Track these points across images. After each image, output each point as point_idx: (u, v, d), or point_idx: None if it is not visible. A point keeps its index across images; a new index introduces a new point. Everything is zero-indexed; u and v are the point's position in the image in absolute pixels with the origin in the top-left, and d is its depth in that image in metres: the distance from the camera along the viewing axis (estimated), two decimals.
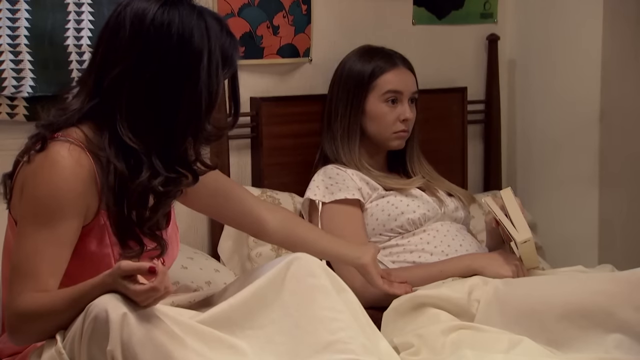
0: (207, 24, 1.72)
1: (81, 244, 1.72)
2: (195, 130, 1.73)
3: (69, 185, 1.67)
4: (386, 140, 2.55)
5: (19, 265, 1.67)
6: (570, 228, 2.98)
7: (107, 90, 1.71)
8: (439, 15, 3.01)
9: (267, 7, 2.67)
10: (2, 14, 2.24)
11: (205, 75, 1.70)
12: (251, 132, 2.68)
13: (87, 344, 1.57)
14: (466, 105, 3.02)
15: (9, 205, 1.78)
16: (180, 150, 1.74)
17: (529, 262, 2.29)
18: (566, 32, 2.96)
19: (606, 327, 2.01)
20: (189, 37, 1.69)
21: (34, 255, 1.66)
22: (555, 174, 3.02)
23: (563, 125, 2.99)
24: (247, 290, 1.71)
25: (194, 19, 1.71)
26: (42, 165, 1.68)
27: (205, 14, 1.74)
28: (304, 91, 2.76)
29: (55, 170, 1.67)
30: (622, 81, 2.91)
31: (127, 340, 1.53)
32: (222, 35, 1.74)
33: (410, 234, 2.43)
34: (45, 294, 1.65)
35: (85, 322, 1.57)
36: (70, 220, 1.68)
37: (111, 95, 1.71)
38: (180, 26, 1.69)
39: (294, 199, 2.62)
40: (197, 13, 1.72)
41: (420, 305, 2.17)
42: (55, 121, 1.74)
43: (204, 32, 1.71)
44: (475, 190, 3.04)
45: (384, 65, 2.55)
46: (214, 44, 1.71)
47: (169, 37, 1.69)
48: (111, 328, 1.53)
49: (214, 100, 1.73)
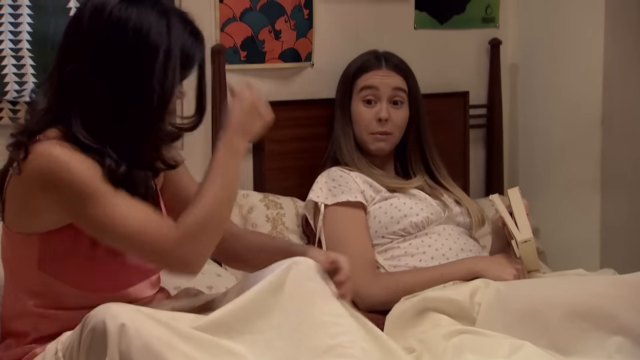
0: (169, 22, 1.71)
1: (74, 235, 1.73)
2: (149, 127, 1.71)
3: (81, 160, 1.66)
4: (366, 143, 2.56)
5: (129, 233, 1.66)
6: (572, 232, 2.98)
7: (65, 86, 1.71)
8: (440, 20, 3.02)
9: (269, 12, 2.68)
10: (4, 18, 2.25)
11: (160, 72, 1.68)
12: None
13: (86, 355, 1.57)
14: (468, 110, 3.02)
15: (2, 217, 1.77)
16: (136, 148, 1.72)
17: (529, 263, 2.29)
18: (568, 37, 2.96)
19: (608, 330, 2.01)
20: (146, 33, 1.69)
21: (127, 215, 1.66)
22: (557, 179, 3.02)
23: (565, 129, 2.99)
24: (246, 296, 1.71)
25: (154, 15, 1.70)
26: (45, 164, 1.65)
27: (171, 13, 1.73)
28: (305, 95, 2.76)
29: (61, 157, 1.65)
30: (624, 85, 2.91)
31: (126, 351, 1.53)
32: (185, 34, 1.73)
33: (413, 237, 2.43)
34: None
35: (83, 333, 1.57)
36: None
37: (68, 90, 1.71)
38: (138, 22, 1.69)
39: (295, 203, 2.62)
40: (159, 11, 1.71)
41: (423, 309, 2.17)
42: (28, 125, 1.73)
43: (164, 30, 1.70)
44: (477, 194, 3.04)
45: (367, 65, 2.57)
46: (174, 42, 1.70)
47: (124, 32, 1.68)
48: (109, 339, 1.53)
49: (168, 98, 1.71)
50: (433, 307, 2.17)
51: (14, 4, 2.26)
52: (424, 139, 2.62)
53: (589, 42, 2.89)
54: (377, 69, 2.58)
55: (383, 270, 2.40)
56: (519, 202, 2.26)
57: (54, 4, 2.31)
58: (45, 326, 1.76)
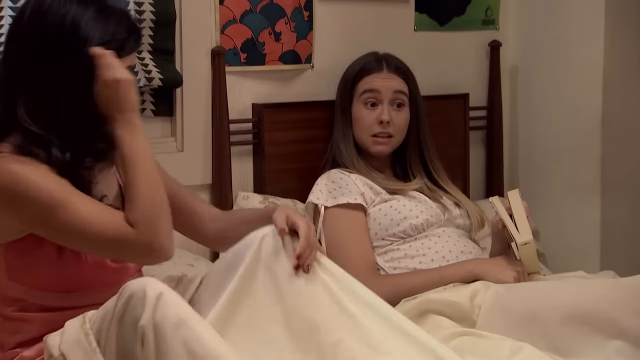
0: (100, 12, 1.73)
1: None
2: (83, 100, 1.72)
3: (36, 170, 1.67)
4: (367, 145, 2.56)
5: (92, 234, 1.66)
6: (572, 235, 2.98)
7: (8, 79, 1.73)
8: (440, 22, 3.02)
9: (269, 14, 2.68)
10: (4, 20, 2.25)
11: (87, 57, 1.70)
12: (253, 139, 2.68)
13: (118, 322, 1.58)
14: (468, 112, 3.02)
15: None
16: (75, 127, 1.72)
17: (529, 266, 2.29)
18: (568, 39, 2.96)
19: (607, 333, 2.00)
20: (77, 25, 1.70)
21: (87, 218, 1.67)
22: (557, 181, 3.02)
23: (565, 131, 2.99)
24: (222, 303, 1.71)
25: (75, 6, 1.72)
26: (4, 181, 1.65)
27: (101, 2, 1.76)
28: (305, 97, 2.76)
29: (20, 172, 1.66)
30: (624, 88, 2.91)
31: (160, 319, 1.54)
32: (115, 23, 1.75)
33: (412, 239, 2.43)
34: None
35: (118, 302, 1.58)
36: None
37: (11, 83, 1.72)
38: (77, 18, 1.71)
39: (296, 205, 2.62)
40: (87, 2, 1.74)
41: (423, 311, 2.17)
42: None
43: (92, 21, 1.71)
44: (477, 196, 3.04)
45: (368, 68, 2.58)
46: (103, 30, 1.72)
47: (63, 27, 1.70)
48: (146, 305, 1.54)
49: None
50: (433, 310, 2.17)
51: (14, 6, 2.26)
52: (423, 141, 2.62)
53: (589, 44, 2.89)
54: (378, 71, 2.58)
55: (383, 272, 2.40)
56: (519, 204, 2.26)
57: None
58: (28, 329, 1.76)
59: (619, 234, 2.94)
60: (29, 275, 1.74)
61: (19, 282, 1.74)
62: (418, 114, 2.62)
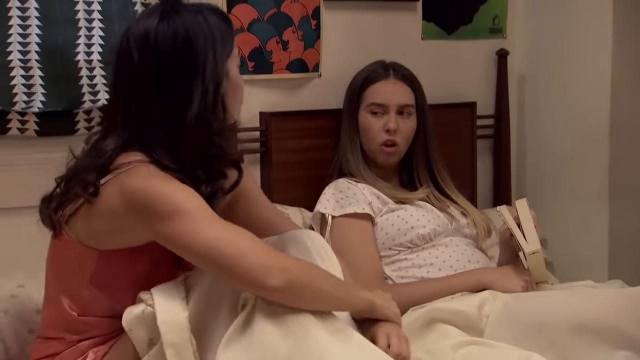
0: (205, 18, 1.74)
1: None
2: (212, 123, 1.73)
3: (169, 180, 1.69)
4: (374, 154, 2.56)
5: (234, 256, 1.62)
6: (580, 243, 2.97)
7: (136, 120, 1.73)
8: (448, 30, 3.02)
9: (277, 23, 2.68)
10: (13, 29, 2.26)
11: (212, 67, 1.72)
12: (260, 147, 2.69)
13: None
14: (475, 120, 3.02)
15: (57, 236, 1.79)
16: (214, 150, 1.75)
17: (537, 275, 2.28)
18: (576, 47, 2.96)
19: (615, 344, 2.00)
20: (194, 36, 1.71)
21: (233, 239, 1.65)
22: (565, 189, 3.02)
23: (573, 140, 2.98)
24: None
25: (193, 17, 1.73)
26: (150, 195, 1.66)
27: (203, 8, 1.77)
28: (313, 106, 2.76)
29: (149, 177, 1.67)
30: (632, 95, 2.91)
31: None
32: (221, 23, 1.76)
33: (420, 249, 2.43)
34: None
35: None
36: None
37: (140, 123, 1.73)
38: (183, 30, 1.71)
39: (303, 213, 2.62)
40: (194, 12, 1.75)
41: (431, 320, 2.17)
42: (95, 163, 1.73)
43: (205, 27, 1.73)
44: (484, 205, 3.04)
45: (374, 76, 2.58)
46: (217, 34, 1.74)
47: (177, 46, 1.71)
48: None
49: (220, 89, 1.73)
50: (441, 318, 2.17)
51: (23, 15, 2.27)
52: (430, 150, 2.62)
53: (596, 52, 2.89)
54: (384, 79, 2.58)
55: (390, 281, 2.40)
56: (526, 213, 2.26)
57: (62, 15, 2.32)
58: (91, 330, 1.80)
59: (627, 242, 2.93)
60: (111, 287, 1.77)
61: (98, 288, 1.77)
62: (425, 122, 2.61)
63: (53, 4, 2.31)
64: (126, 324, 1.71)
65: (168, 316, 1.67)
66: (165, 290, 1.71)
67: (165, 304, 1.68)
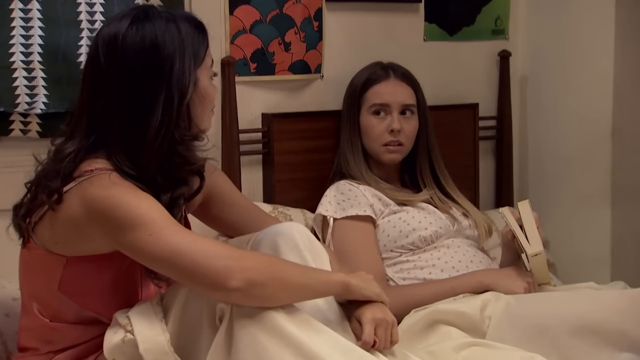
0: (177, 25, 1.73)
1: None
2: (175, 132, 1.72)
3: (133, 190, 1.68)
4: (378, 154, 2.56)
5: (196, 261, 1.61)
6: (582, 245, 2.97)
7: (99, 125, 1.72)
8: (450, 32, 3.02)
9: (279, 24, 2.68)
10: (15, 31, 2.26)
11: (179, 74, 1.70)
12: (262, 148, 2.69)
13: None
14: (478, 122, 3.02)
15: (25, 243, 1.78)
16: (175, 158, 1.73)
17: (539, 277, 2.28)
18: (578, 48, 2.96)
19: (618, 345, 1.99)
20: (162, 43, 1.70)
21: (195, 243, 1.63)
22: (568, 191, 3.01)
23: (575, 141, 2.98)
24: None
25: (164, 24, 1.72)
26: (110, 203, 1.64)
27: (177, 16, 1.76)
28: (315, 107, 2.76)
29: (111, 187, 1.66)
30: (635, 97, 2.90)
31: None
32: (194, 32, 1.76)
33: (421, 251, 2.43)
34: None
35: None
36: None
37: (103, 128, 1.72)
38: (152, 36, 1.70)
39: (305, 215, 2.62)
40: (167, 19, 1.74)
41: (433, 322, 2.17)
42: (59, 169, 1.72)
43: (175, 35, 1.72)
44: (486, 206, 3.04)
45: (375, 77, 2.58)
46: (187, 43, 1.73)
47: (143, 51, 1.70)
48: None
49: (185, 98, 1.72)
50: (443, 320, 2.17)
51: (25, 17, 2.27)
52: (432, 150, 2.62)
53: (599, 53, 2.89)
54: (385, 79, 2.57)
55: (393, 283, 2.40)
56: (529, 215, 2.26)
57: (65, 17, 2.33)
58: (62, 339, 1.79)
59: (629, 244, 2.93)
60: (79, 293, 1.76)
61: (67, 295, 1.76)
62: (426, 121, 2.62)
63: (55, 5, 2.31)
64: (108, 353, 1.69)
65: (150, 344, 1.66)
66: (143, 314, 1.69)
67: (145, 330, 1.67)
